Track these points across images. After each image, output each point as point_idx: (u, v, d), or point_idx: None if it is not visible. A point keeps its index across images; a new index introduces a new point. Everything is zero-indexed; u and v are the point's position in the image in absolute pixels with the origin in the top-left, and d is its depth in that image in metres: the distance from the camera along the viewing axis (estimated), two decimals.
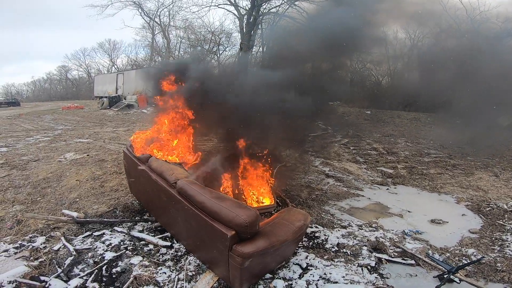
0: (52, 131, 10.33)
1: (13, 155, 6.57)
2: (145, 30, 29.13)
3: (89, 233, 3.30)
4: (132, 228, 3.42)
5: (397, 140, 9.40)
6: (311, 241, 3.25)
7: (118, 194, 4.49)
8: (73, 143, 8.10)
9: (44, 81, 48.97)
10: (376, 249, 3.11)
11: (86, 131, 10.28)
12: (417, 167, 6.48)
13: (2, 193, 4.45)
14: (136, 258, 2.79)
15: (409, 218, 4.07)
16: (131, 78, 21.12)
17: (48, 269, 2.68)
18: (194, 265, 2.72)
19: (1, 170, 5.52)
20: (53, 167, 5.76)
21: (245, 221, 2.10)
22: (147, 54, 32.83)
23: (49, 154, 6.79)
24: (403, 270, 2.81)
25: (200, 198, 2.40)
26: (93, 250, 2.94)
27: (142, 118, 14.13)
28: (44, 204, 4.14)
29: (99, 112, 17.03)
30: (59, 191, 4.62)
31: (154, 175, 3.05)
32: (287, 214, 2.80)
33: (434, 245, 3.28)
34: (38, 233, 3.32)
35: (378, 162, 6.92)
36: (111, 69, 40.47)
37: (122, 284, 2.50)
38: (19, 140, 8.42)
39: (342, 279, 2.56)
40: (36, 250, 2.97)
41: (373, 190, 5.25)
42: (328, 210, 4.28)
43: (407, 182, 5.58)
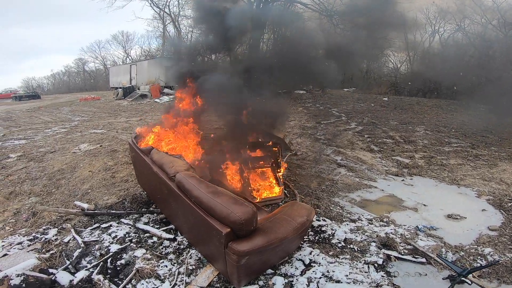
0: (69, 122, 10.63)
1: (31, 147, 6.80)
2: (156, 20, 29.18)
3: (97, 225, 3.36)
4: (138, 220, 3.44)
5: (415, 128, 8.98)
6: (317, 235, 3.15)
7: (128, 184, 4.54)
8: (88, 134, 8.30)
9: (63, 74, 50.56)
10: (385, 245, 2.96)
11: (101, 121, 10.51)
12: (436, 157, 6.16)
13: (19, 185, 4.60)
14: (140, 251, 2.81)
15: (424, 212, 3.85)
16: (144, 69, 21.33)
17: (58, 261, 2.75)
18: (195, 259, 2.70)
19: (19, 162, 5.72)
20: (68, 158, 5.91)
21: (240, 218, 2.03)
22: (159, 45, 32.97)
23: (65, 145, 6.98)
24: (412, 268, 2.66)
25: (196, 192, 2.35)
26: (100, 243, 2.99)
27: (154, 107, 14.28)
28: (58, 196, 4.25)
29: (114, 102, 17.39)
30: (72, 182, 4.73)
31: (155, 168, 3.02)
32: (290, 209, 2.70)
33: (449, 242, 3.08)
34: (51, 225, 3.41)
35: (394, 151, 6.64)
36: (125, 60, 41.11)
37: (125, 276, 2.52)
38: (37, 132, 8.72)
39: (345, 278, 2.46)
40: (48, 242, 3.05)
41: (387, 181, 5.03)
42: (338, 202, 4.14)
43: (425, 173, 5.31)
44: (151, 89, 18.04)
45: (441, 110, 12.39)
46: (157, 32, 31.35)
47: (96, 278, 2.47)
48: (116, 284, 2.44)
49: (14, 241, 3.06)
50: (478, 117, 10.87)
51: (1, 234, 3.28)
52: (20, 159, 5.91)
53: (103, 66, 45.75)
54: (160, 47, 31.84)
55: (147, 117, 11.20)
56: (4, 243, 3.05)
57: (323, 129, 8.88)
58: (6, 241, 3.09)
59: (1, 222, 3.58)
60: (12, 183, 4.73)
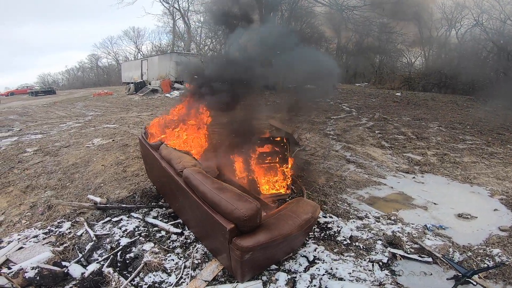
0: (83, 117, 10.89)
1: (47, 142, 7.02)
2: (166, 16, 29.39)
3: (108, 218, 3.45)
4: (148, 214, 3.52)
5: (428, 125, 8.78)
6: (323, 232, 3.15)
7: (138, 179, 4.63)
8: (101, 128, 8.49)
9: (77, 69, 51.82)
10: (391, 244, 2.94)
11: (113, 116, 10.72)
12: (450, 154, 6.02)
13: (36, 179, 4.77)
14: (148, 245, 2.88)
15: (433, 211, 3.79)
16: (154, 64, 21.60)
17: (71, 254, 2.84)
18: (201, 253, 2.75)
19: (35, 156, 5.92)
20: (81, 152, 6.07)
21: (244, 214, 2.05)
22: (169, 40, 33.23)
23: (79, 140, 7.17)
24: (418, 267, 2.64)
25: (202, 188, 2.38)
26: (111, 236, 3.07)
27: (165, 102, 14.45)
28: (72, 189, 4.38)
29: (126, 97, 17.67)
30: (86, 176, 4.86)
31: (163, 163, 3.07)
32: (295, 205, 2.71)
33: (457, 242, 3.02)
34: (65, 219, 3.51)
35: (405, 147, 6.53)
36: (137, 55, 41.80)
37: (134, 269, 2.59)
38: (53, 127, 8.98)
39: (348, 275, 2.46)
40: (62, 236, 3.15)
41: (398, 178, 4.96)
42: (345, 198, 4.12)
43: (437, 171, 5.20)
44: (162, 84, 18.26)
45: (456, 106, 12.06)
46: (167, 28, 31.65)
47: (106, 271, 2.53)
48: (125, 276, 2.51)
49: (30, 234, 3.17)
50: (495, 113, 10.53)
51: (17, 228, 3.40)
52: (36, 153, 6.11)
53: (115, 62, 46.64)
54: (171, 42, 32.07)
55: (158, 111, 11.34)
56: (21, 236, 3.15)
57: (332, 124, 8.79)
58: (22, 234, 3.19)
59: (18, 215, 3.71)
60: (28, 177, 4.89)
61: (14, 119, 11.02)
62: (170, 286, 2.39)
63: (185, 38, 28.77)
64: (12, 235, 3.17)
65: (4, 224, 3.56)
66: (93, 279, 2.46)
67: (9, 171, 5.20)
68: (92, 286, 2.41)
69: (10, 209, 3.89)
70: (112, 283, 2.42)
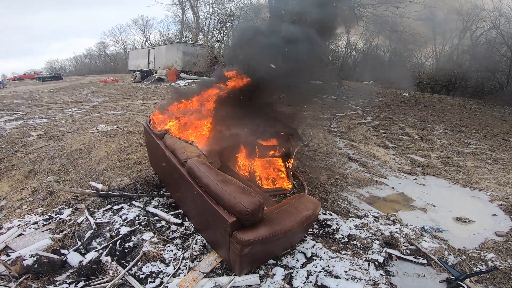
0: (88, 103, 10.91)
1: (51, 126, 7.05)
2: (176, 6, 29.19)
3: (109, 206, 3.44)
4: (149, 203, 3.52)
5: (434, 127, 8.69)
6: (322, 229, 3.17)
7: (141, 167, 4.64)
8: (105, 115, 8.51)
9: (85, 56, 51.86)
10: (388, 244, 2.96)
11: (119, 103, 10.73)
12: (453, 157, 5.98)
13: (39, 164, 4.79)
14: (148, 234, 2.88)
15: (432, 213, 3.80)
16: (161, 53, 21.56)
17: (70, 241, 2.83)
18: (200, 245, 2.76)
19: (39, 140, 5.96)
20: (86, 138, 6.09)
21: (247, 208, 2.04)
22: (178, 30, 33.06)
23: (84, 125, 7.19)
24: (412, 269, 2.67)
25: (205, 180, 2.36)
26: (111, 224, 3.06)
27: (170, 91, 14.43)
28: (75, 175, 4.39)
29: (132, 85, 17.66)
30: (89, 162, 4.88)
31: (168, 152, 3.05)
32: (297, 201, 2.71)
33: (453, 245, 3.05)
34: (66, 205, 3.50)
35: (409, 148, 6.49)
36: (144, 44, 41.70)
37: (132, 258, 2.59)
38: (58, 112, 9.02)
39: (344, 273, 2.48)
40: (62, 223, 3.12)
41: (399, 179, 4.95)
42: (346, 196, 4.13)
43: (439, 174, 5.19)
44: (168, 73, 18.23)
45: (464, 109, 11.90)
46: (176, 17, 31.43)
47: (104, 260, 2.53)
48: (123, 266, 2.50)
49: (30, 221, 3.15)
50: (503, 119, 10.40)
51: (18, 213, 3.39)
52: (40, 138, 6.14)
53: (123, 50, 46.59)
54: (179, 32, 31.92)
55: (163, 100, 11.34)
56: (21, 222, 3.12)
57: (337, 121, 8.74)
58: (23, 220, 3.17)
59: (19, 200, 3.71)
60: (32, 161, 4.92)
61: (20, 103, 11.07)
62: (168, 276, 2.40)
63: (193, 29, 28.59)
64: (12, 221, 3.16)
65: (5, 209, 3.57)
66: (90, 267, 2.45)
67: (12, 155, 5.23)
68: (89, 274, 2.40)
69: (12, 194, 3.90)
70: (109, 272, 2.42)
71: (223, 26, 23.40)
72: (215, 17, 24.82)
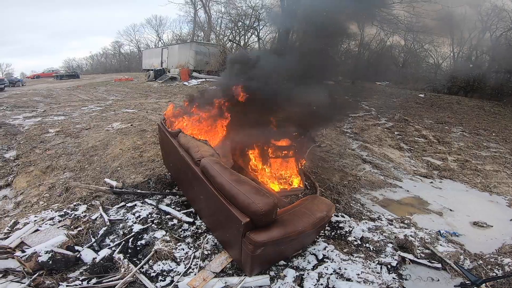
0: (104, 101, 11.15)
1: (68, 123, 7.25)
2: (188, 5, 29.49)
3: (123, 203, 3.48)
4: (161, 201, 3.55)
5: (452, 129, 8.44)
6: (334, 231, 3.13)
7: (154, 165, 4.70)
8: (120, 113, 8.67)
9: (101, 55, 53.11)
10: (402, 247, 2.90)
11: (133, 101, 10.92)
12: (471, 161, 5.79)
13: (56, 160, 4.92)
14: (160, 232, 2.89)
15: (449, 217, 3.70)
16: (174, 52, 21.78)
17: (84, 238, 2.85)
18: (211, 244, 2.76)
19: (57, 137, 6.13)
20: (101, 135, 6.22)
21: (261, 209, 2.02)
22: (190, 29, 33.40)
23: (99, 123, 7.35)
24: (426, 273, 2.61)
25: (219, 179, 2.35)
26: (124, 222, 3.09)
27: (183, 90, 14.58)
28: (90, 172, 4.48)
29: (145, 84, 17.95)
30: (104, 159, 4.98)
31: (181, 151, 3.06)
32: (310, 202, 2.67)
33: (469, 250, 2.97)
34: (82, 201, 3.56)
35: (425, 151, 6.33)
36: (157, 43, 42.27)
37: (144, 256, 2.61)
38: (75, 110, 9.25)
39: (356, 276, 2.43)
40: (77, 219, 3.16)
41: (414, 182, 4.83)
42: (359, 199, 4.06)
43: (456, 177, 5.03)
44: (181, 72, 18.41)
45: (483, 111, 11.50)
46: (188, 17, 31.74)
47: (117, 257, 2.54)
48: (135, 263, 2.52)
49: (46, 217, 3.20)
50: None
51: (35, 209, 3.47)
52: (58, 134, 6.32)
53: (137, 49, 47.43)
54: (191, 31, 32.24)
55: (176, 99, 11.47)
56: (37, 218, 3.18)
57: (350, 122, 8.61)
58: (39, 216, 3.23)
59: (36, 196, 3.81)
60: (49, 157, 5.06)
61: (39, 101, 11.42)
62: (178, 275, 2.40)
63: (205, 28, 28.81)
64: (29, 217, 3.23)
65: (22, 204, 3.66)
66: (103, 264, 2.47)
67: (31, 151, 5.39)
68: (101, 271, 2.42)
69: (29, 189, 4.01)
70: (121, 269, 2.43)
71: (235, 26, 23.47)
72: (226, 17, 24.95)
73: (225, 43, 23.98)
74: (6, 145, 5.77)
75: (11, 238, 2.75)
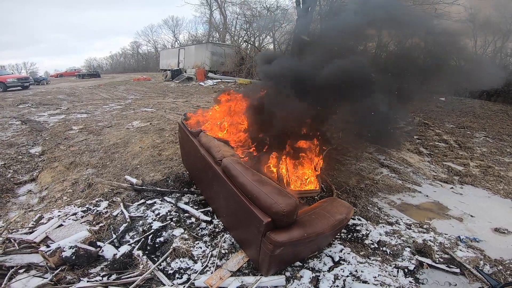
0: (124, 100, 11.48)
1: (91, 121, 7.51)
2: (203, 6, 29.89)
3: (143, 200, 3.55)
4: (180, 199, 3.61)
5: (474, 134, 8.16)
6: (350, 234, 3.11)
7: (172, 163, 4.80)
8: (139, 112, 8.91)
9: (120, 55, 54.68)
10: (420, 252, 2.86)
11: (151, 101, 11.18)
12: (494, 167, 5.59)
13: (79, 156, 5.11)
14: (178, 230, 2.94)
15: (469, 223, 3.62)
16: (191, 53, 22.07)
17: (105, 234, 2.90)
18: (229, 243, 2.79)
19: (80, 134, 6.37)
20: (122, 133, 6.42)
21: (283, 210, 2.03)
22: (205, 30, 33.81)
23: (120, 121, 7.58)
24: (443, 278, 2.56)
25: (241, 179, 2.37)
26: (144, 219, 3.14)
27: (199, 90, 14.80)
28: (111, 169, 4.63)
29: (163, 83, 18.33)
30: (124, 156, 5.13)
31: (202, 150, 3.10)
32: (329, 204, 2.67)
33: (489, 255, 2.91)
34: (103, 198, 3.66)
35: (446, 156, 6.16)
36: (174, 44, 43.08)
37: (162, 254, 2.65)
38: (97, 108, 9.58)
39: (373, 279, 2.42)
40: (99, 215, 3.24)
41: (434, 187, 4.72)
42: (376, 202, 4.01)
43: (478, 183, 4.88)
44: (197, 73, 18.68)
45: (507, 116, 11.05)
46: (204, 18, 32.19)
47: (136, 254, 2.58)
48: (153, 260, 2.56)
49: (69, 212, 3.29)
50: None
51: (58, 204, 3.60)
52: (81, 132, 6.57)
53: (154, 49, 48.49)
54: (206, 32, 32.62)
55: (192, 99, 11.66)
56: (61, 213, 3.27)
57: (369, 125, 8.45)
58: (63, 211, 3.33)
59: (60, 191, 3.94)
60: (73, 153, 5.26)
61: (62, 99, 11.89)
62: (195, 273, 2.43)
63: (221, 29, 29.09)
64: (53, 212, 3.34)
65: (46, 199, 3.80)
66: (123, 261, 2.50)
67: (55, 147, 5.63)
68: (121, 268, 2.46)
69: (54, 185, 4.17)
70: (140, 266, 2.47)
71: (250, 27, 23.57)
72: (242, 18, 25.09)
73: (240, 44, 24.12)
74: (31, 140, 6.05)
75: (36, 232, 2.82)
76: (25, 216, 3.38)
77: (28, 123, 7.40)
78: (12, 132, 6.61)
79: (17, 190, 4.14)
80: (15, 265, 2.42)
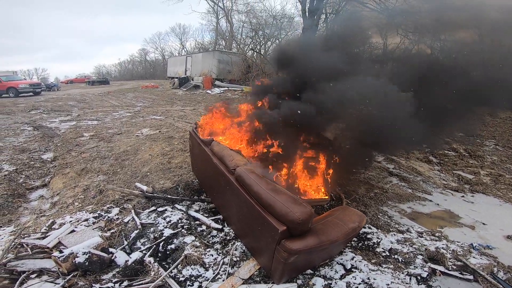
0: (133, 107, 11.65)
1: (101, 128, 7.64)
2: (210, 14, 30.40)
3: (154, 208, 3.56)
4: (190, 207, 3.63)
5: (484, 142, 8.07)
6: (361, 242, 3.10)
7: (182, 171, 4.83)
8: (149, 119, 9.03)
9: (128, 62, 55.65)
10: (433, 259, 2.84)
11: (160, 108, 11.33)
12: (505, 175, 5.52)
13: (90, 163, 5.19)
14: (189, 238, 2.94)
15: (481, 231, 3.59)
16: (198, 61, 22.32)
17: (116, 240, 2.91)
18: (240, 251, 2.79)
19: (91, 141, 6.48)
20: (132, 141, 6.51)
21: (299, 218, 2.05)
22: (212, 38, 34.30)
23: (130, 128, 7.70)
24: (456, 285, 2.55)
25: (256, 188, 2.39)
26: (155, 226, 3.13)
27: (206, 98, 14.93)
28: (122, 176, 4.68)
29: (170, 91, 18.55)
30: (134, 164, 5.19)
31: (215, 159, 3.12)
32: (341, 213, 2.68)
33: (503, 262, 2.89)
34: (114, 204, 3.68)
35: (456, 164, 6.10)
36: (181, 51, 43.73)
37: (173, 261, 2.65)
38: (107, 115, 9.74)
39: (386, 286, 2.40)
40: (110, 221, 3.24)
41: (445, 195, 4.68)
42: (386, 211, 3.99)
43: (489, 192, 4.82)
44: (204, 81, 18.86)
45: None
46: (210, 26, 32.70)
47: (147, 260, 2.58)
48: (164, 267, 2.56)
49: (81, 218, 3.31)
50: None
51: (70, 210, 3.63)
52: (92, 138, 6.68)
53: (161, 57, 49.25)
54: (213, 40, 33.08)
55: (200, 107, 11.77)
56: (73, 219, 3.29)
57: None
58: (74, 217, 3.35)
59: (71, 197, 3.99)
60: (84, 160, 5.34)
61: (73, 105, 12.13)
62: (207, 280, 2.42)
63: (227, 37, 29.47)
64: (64, 217, 3.36)
65: (58, 204, 3.85)
66: (134, 267, 2.50)
67: (67, 153, 5.73)
68: (132, 274, 2.46)
69: (65, 191, 4.22)
70: (151, 273, 2.47)
71: (256, 35, 23.84)
72: (248, 26, 25.42)
73: (246, 51, 24.36)
74: (43, 146, 6.17)
75: (49, 238, 2.83)
76: (37, 221, 3.42)
77: (40, 129, 7.56)
78: (25, 137, 6.76)
79: (29, 195, 4.23)
80: (27, 270, 2.43)
